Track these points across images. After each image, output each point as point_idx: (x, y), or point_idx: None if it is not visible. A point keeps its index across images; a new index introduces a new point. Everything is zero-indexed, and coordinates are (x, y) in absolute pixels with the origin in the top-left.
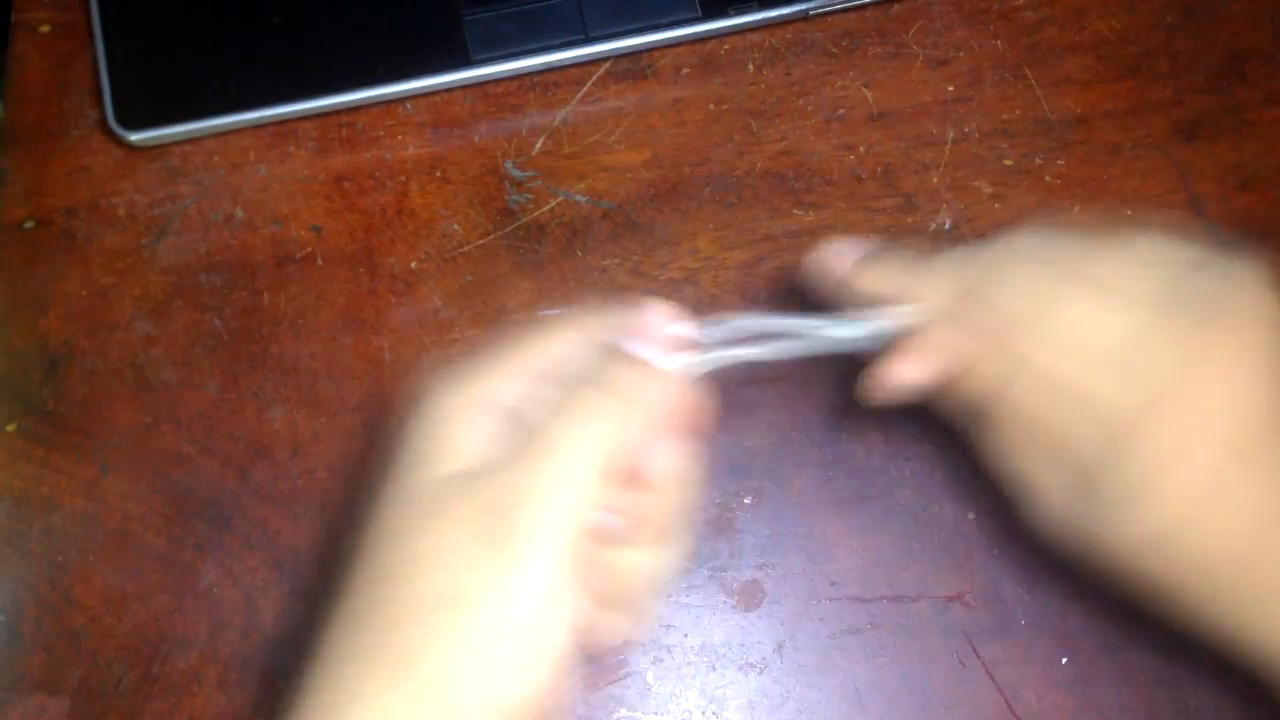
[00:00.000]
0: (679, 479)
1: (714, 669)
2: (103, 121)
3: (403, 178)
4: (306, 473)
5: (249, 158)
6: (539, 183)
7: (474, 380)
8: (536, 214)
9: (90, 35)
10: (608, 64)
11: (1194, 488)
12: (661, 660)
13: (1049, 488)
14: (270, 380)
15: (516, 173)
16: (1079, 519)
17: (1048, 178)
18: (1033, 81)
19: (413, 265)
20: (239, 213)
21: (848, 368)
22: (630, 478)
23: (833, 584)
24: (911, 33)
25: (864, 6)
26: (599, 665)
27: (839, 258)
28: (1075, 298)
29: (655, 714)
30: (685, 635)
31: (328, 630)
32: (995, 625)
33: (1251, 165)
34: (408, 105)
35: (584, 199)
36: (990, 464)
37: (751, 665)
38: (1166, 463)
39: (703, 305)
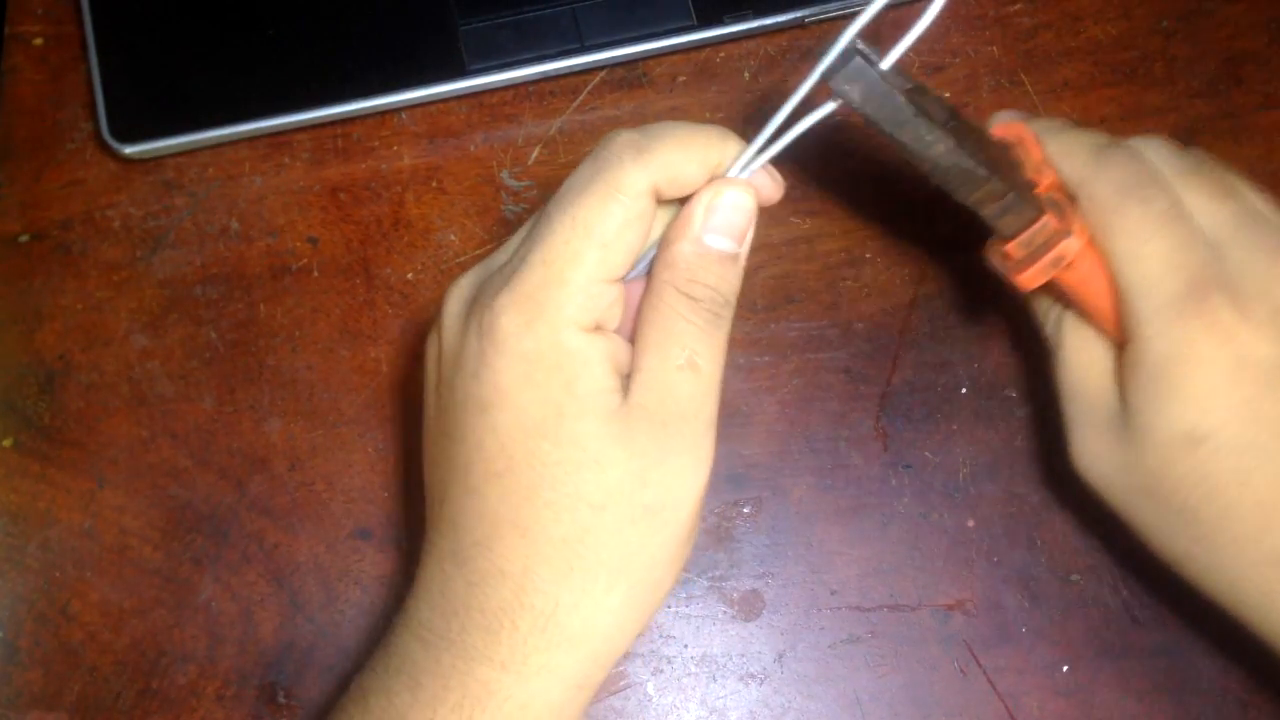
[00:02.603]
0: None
1: (714, 679)
2: (97, 134)
3: (399, 188)
4: (304, 485)
5: (244, 169)
6: (535, 192)
7: (567, 312)
8: None
9: (84, 48)
10: (603, 73)
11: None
12: (661, 671)
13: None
14: (267, 393)
15: (513, 182)
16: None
17: None
18: (1029, 87)
19: (409, 276)
20: (234, 225)
21: (846, 375)
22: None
23: (833, 593)
24: None
25: (859, 13)
26: None
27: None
28: None
29: None
30: (685, 646)
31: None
32: (996, 634)
33: (1248, 170)
34: (403, 116)
35: None
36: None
37: (752, 675)
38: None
39: None
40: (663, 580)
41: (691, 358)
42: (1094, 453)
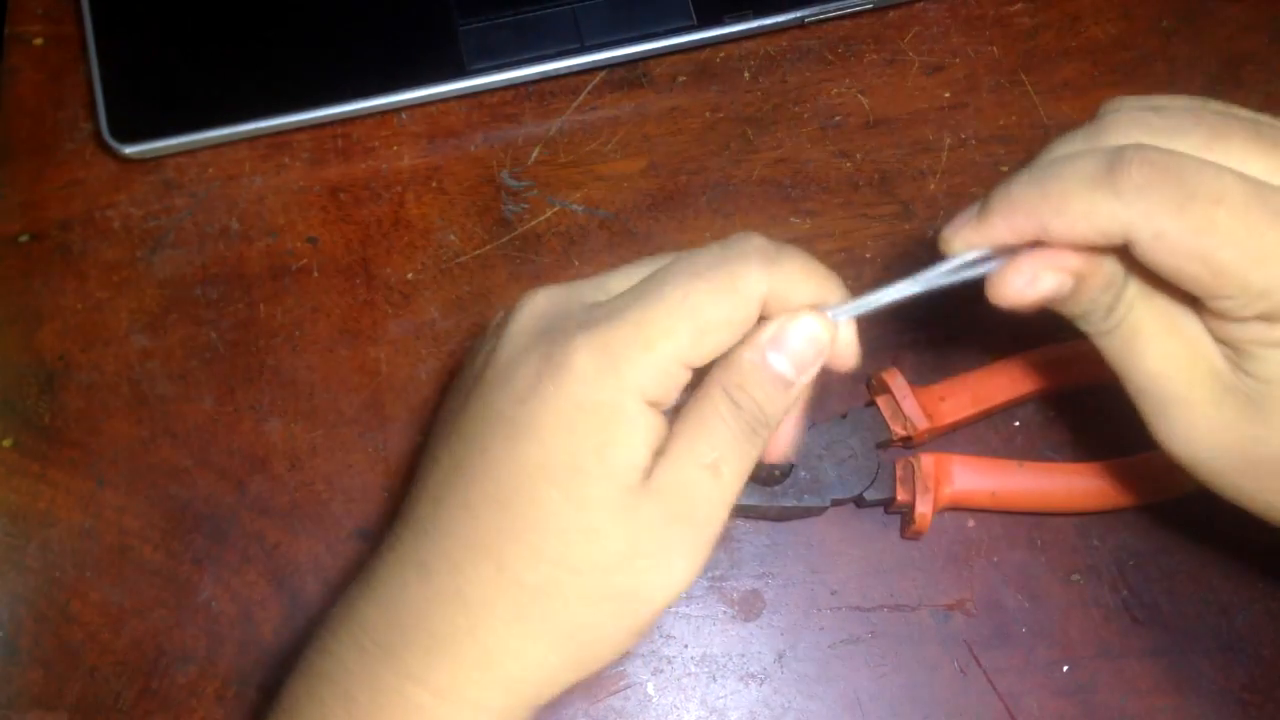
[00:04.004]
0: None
1: (715, 679)
2: (97, 134)
3: (398, 188)
4: (304, 485)
5: (244, 169)
6: (535, 192)
7: (640, 372)
8: (533, 224)
9: (84, 48)
10: (603, 73)
11: None
12: (662, 671)
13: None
14: (267, 393)
15: (512, 183)
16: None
17: None
18: (1029, 87)
19: (409, 276)
20: (234, 225)
21: (846, 375)
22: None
23: (833, 593)
24: (907, 39)
25: (859, 13)
26: (598, 677)
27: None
28: None
29: None
30: (685, 646)
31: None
32: (996, 634)
33: None
34: (403, 116)
35: (580, 208)
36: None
37: (752, 675)
38: None
39: None
40: (602, 657)
41: (717, 461)
42: (1206, 431)
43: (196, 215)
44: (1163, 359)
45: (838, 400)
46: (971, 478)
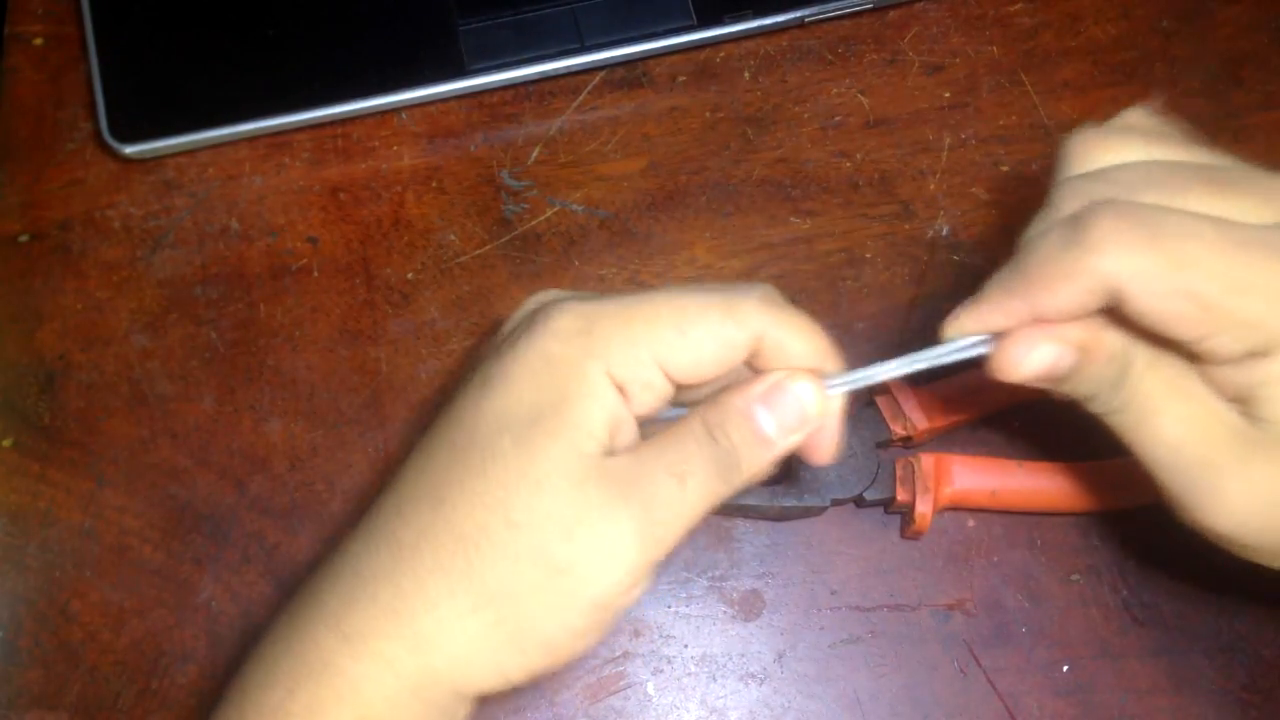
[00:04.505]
0: None
1: (714, 679)
2: (97, 134)
3: (398, 188)
4: (304, 485)
5: (244, 169)
6: (535, 192)
7: (615, 349)
8: (533, 224)
9: (84, 48)
10: (603, 73)
11: None
12: (661, 671)
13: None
14: (267, 393)
15: (512, 182)
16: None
17: (1045, 184)
18: (1029, 87)
19: (409, 276)
20: (234, 225)
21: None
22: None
23: (833, 593)
24: (907, 39)
25: (859, 13)
26: (598, 677)
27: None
28: None
29: None
30: (685, 646)
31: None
32: (996, 633)
33: None
34: (403, 116)
35: (580, 208)
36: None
37: (752, 675)
38: None
39: None
40: (531, 644)
41: (685, 474)
42: (1239, 493)
43: (196, 215)
44: (1180, 425)
45: None
46: (971, 478)
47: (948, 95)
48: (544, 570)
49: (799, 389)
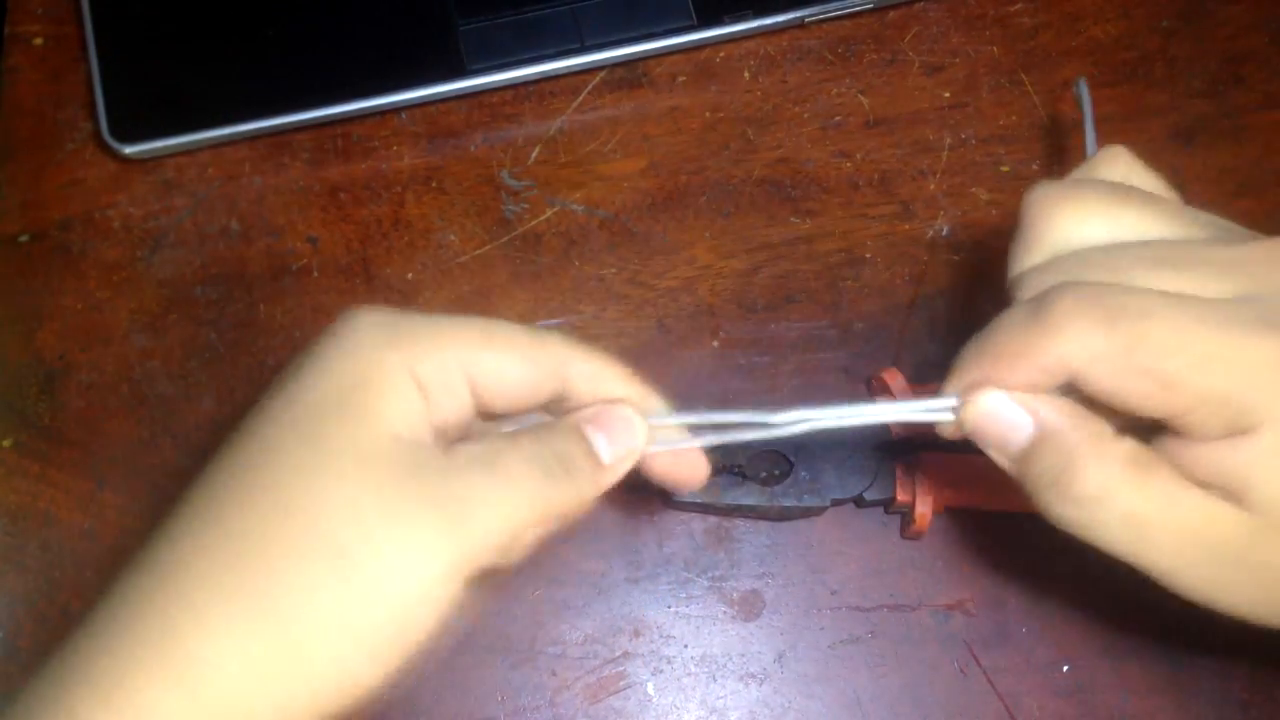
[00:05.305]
0: None
1: (714, 680)
2: (97, 134)
3: (398, 188)
4: None
5: (244, 169)
6: (535, 192)
7: (418, 346)
8: (533, 224)
9: (84, 48)
10: (603, 73)
11: None
12: (661, 671)
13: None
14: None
15: (513, 183)
16: None
17: None
18: (1029, 87)
19: (409, 276)
20: (234, 225)
21: (846, 375)
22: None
23: (833, 593)
24: (907, 39)
25: (859, 14)
26: (598, 677)
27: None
28: None
29: None
30: (685, 646)
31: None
32: (996, 633)
33: (1248, 170)
34: (403, 116)
35: (580, 208)
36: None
37: (752, 675)
38: None
39: (700, 313)
40: (318, 657)
41: (508, 476)
42: (1248, 582)
43: (196, 215)
44: (1186, 538)
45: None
46: (971, 478)
47: (948, 95)
48: (324, 562)
49: (626, 413)
